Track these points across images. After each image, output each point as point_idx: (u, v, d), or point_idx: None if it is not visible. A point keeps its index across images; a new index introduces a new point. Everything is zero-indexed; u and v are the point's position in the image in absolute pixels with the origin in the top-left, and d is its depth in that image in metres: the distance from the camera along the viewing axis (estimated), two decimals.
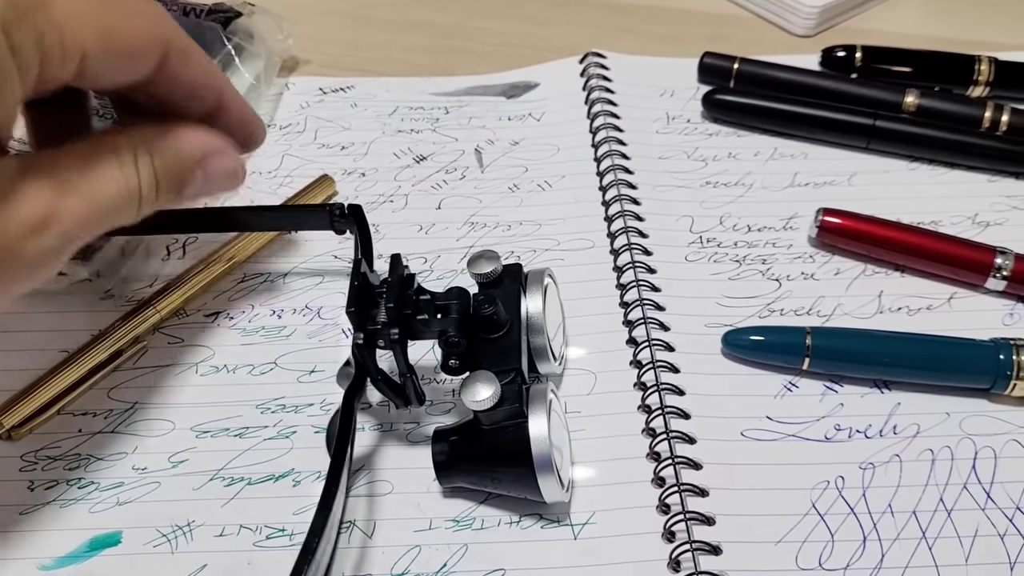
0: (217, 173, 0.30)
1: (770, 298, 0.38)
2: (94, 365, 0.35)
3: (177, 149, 0.29)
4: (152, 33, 0.28)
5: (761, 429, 0.34)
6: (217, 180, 0.31)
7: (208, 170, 0.30)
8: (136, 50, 0.28)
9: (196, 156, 0.29)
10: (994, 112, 0.45)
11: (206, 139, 0.30)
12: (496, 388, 0.29)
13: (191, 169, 0.29)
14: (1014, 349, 0.34)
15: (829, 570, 0.30)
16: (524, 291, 0.33)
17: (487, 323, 0.31)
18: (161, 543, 0.31)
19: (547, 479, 0.29)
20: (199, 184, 0.30)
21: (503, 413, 0.29)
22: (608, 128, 0.46)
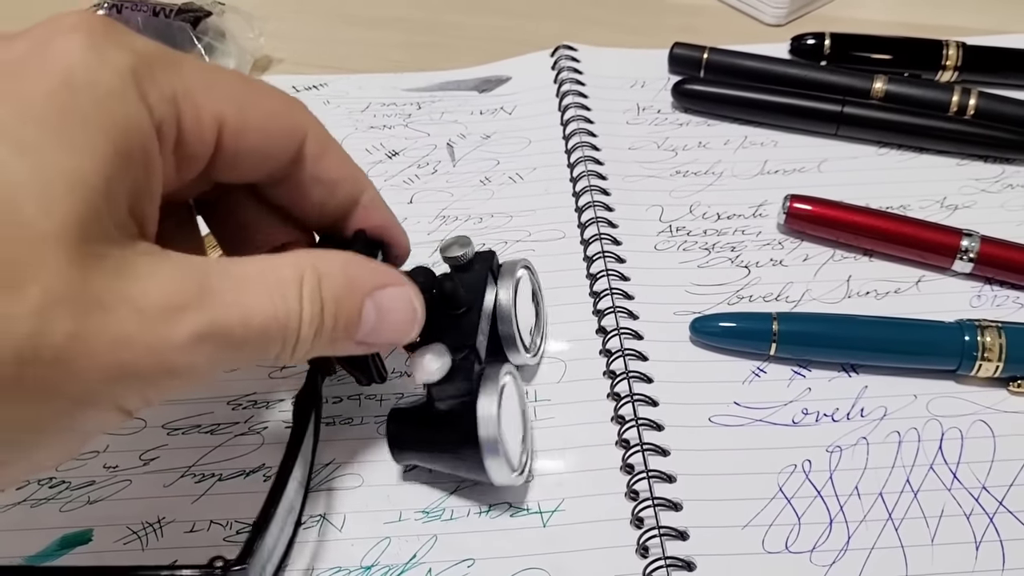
0: (393, 308, 0.27)
1: (739, 285, 0.39)
2: None
3: (350, 277, 0.25)
4: (289, 114, 0.27)
5: (729, 415, 0.34)
6: (392, 317, 0.27)
7: (382, 304, 0.26)
8: (274, 129, 0.26)
9: (368, 285, 0.26)
10: (962, 96, 0.46)
11: (381, 269, 0.27)
12: (446, 361, 0.28)
13: (362, 302, 0.26)
14: (979, 330, 0.34)
15: (795, 553, 0.30)
16: (495, 278, 0.33)
17: (447, 299, 0.31)
18: (132, 540, 0.31)
19: (494, 460, 0.29)
20: (371, 323, 0.26)
21: (453, 389, 0.29)
22: (579, 120, 0.46)
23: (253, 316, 0.23)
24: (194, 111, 0.24)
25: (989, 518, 0.31)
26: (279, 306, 0.23)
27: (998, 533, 0.30)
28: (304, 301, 0.24)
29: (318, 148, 0.28)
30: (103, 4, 0.48)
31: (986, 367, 0.34)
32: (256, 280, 0.23)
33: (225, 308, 0.22)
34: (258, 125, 0.26)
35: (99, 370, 0.20)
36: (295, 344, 0.24)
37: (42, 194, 0.19)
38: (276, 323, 0.23)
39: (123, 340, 0.20)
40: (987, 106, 0.45)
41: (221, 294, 0.22)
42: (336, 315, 0.25)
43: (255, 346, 0.23)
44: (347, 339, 0.26)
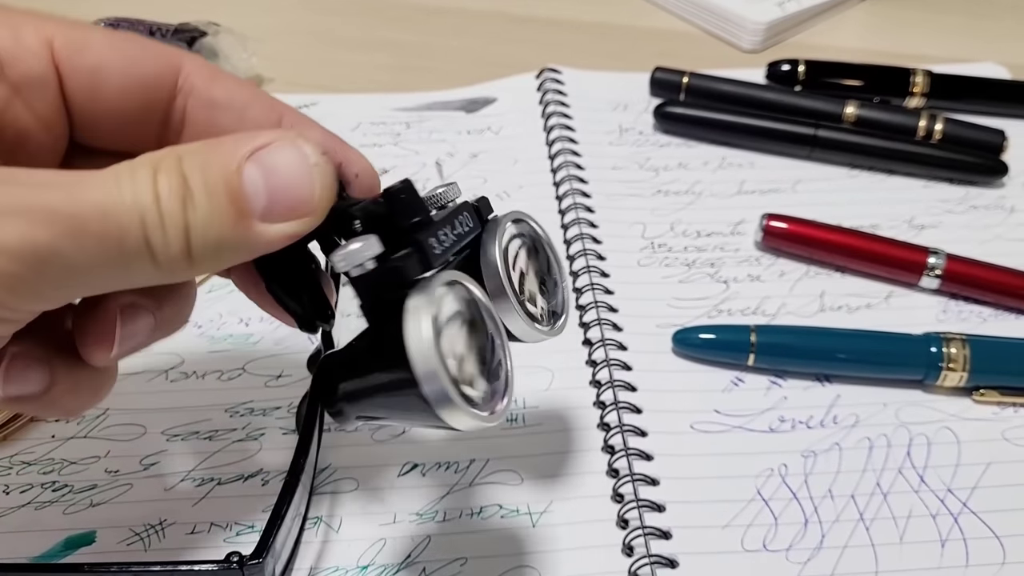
0: (281, 164, 0.21)
1: (718, 299, 0.40)
2: None
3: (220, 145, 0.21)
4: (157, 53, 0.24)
5: (709, 422, 0.35)
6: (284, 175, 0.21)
7: (267, 162, 0.20)
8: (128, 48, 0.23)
9: (243, 148, 0.20)
10: (928, 121, 0.48)
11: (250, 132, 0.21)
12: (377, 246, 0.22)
13: (238, 165, 0.20)
14: (944, 342, 0.36)
15: (773, 551, 0.31)
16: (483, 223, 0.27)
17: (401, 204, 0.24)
18: (134, 542, 0.32)
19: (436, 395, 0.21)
20: (260, 187, 0.20)
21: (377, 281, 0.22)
22: (563, 140, 0.48)
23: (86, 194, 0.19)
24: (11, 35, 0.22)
25: (954, 518, 0.32)
26: (124, 186, 0.19)
27: (962, 532, 0.32)
28: (159, 176, 0.19)
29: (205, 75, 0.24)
30: (101, 22, 0.50)
31: (951, 377, 0.36)
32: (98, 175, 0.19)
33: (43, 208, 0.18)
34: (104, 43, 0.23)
35: None
36: (162, 226, 0.19)
37: None
38: (120, 201, 0.19)
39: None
40: (952, 131, 0.48)
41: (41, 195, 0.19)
42: (207, 184, 0.20)
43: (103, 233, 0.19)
44: (240, 217, 0.20)
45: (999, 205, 0.46)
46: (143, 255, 0.20)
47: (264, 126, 0.25)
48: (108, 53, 0.23)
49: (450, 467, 0.34)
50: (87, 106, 0.24)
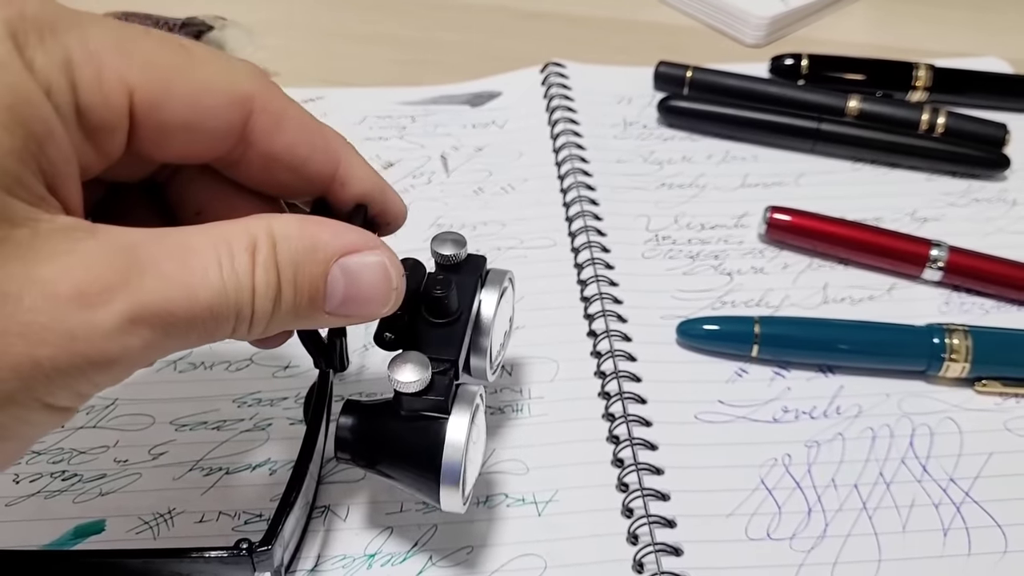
0: (364, 274, 0.23)
1: (722, 291, 0.41)
2: None
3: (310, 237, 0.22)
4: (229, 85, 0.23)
5: (713, 412, 0.36)
6: (364, 284, 0.23)
7: (352, 272, 0.23)
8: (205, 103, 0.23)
9: (334, 249, 0.22)
10: (931, 115, 0.48)
11: (351, 232, 0.23)
12: (427, 374, 0.27)
13: (325, 267, 0.22)
14: (947, 333, 0.36)
15: (776, 540, 0.32)
16: (482, 284, 0.31)
17: (435, 305, 0.29)
18: (143, 530, 0.32)
19: (450, 489, 0.28)
20: (339, 292, 0.23)
21: (425, 403, 0.27)
22: (568, 134, 0.48)
23: (198, 292, 0.20)
24: (94, 77, 0.21)
25: (956, 507, 0.33)
26: (228, 279, 0.21)
27: (964, 521, 0.32)
28: (257, 270, 0.21)
29: (270, 122, 0.24)
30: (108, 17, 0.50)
31: (954, 368, 0.36)
32: (200, 250, 0.21)
33: (162, 285, 0.20)
34: (184, 94, 0.22)
35: (11, 369, 0.18)
36: (251, 320, 0.22)
37: None
38: (225, 299, 0.21)
39: (37, 332, 0.18)
40: (955, 125, 0.48)
41: (156, 269, 0.20)
42: (296, 284, 0.22)
43: (204, 326, 0.21)
44: (314, 311, 0.23)
45: (1001, 198, 0.46)
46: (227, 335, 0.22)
47: (320, 179, 0.26)
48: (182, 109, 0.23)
49: None
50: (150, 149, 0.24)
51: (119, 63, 0.21)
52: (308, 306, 0.22)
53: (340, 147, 0.27)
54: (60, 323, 0.19)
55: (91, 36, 0.21)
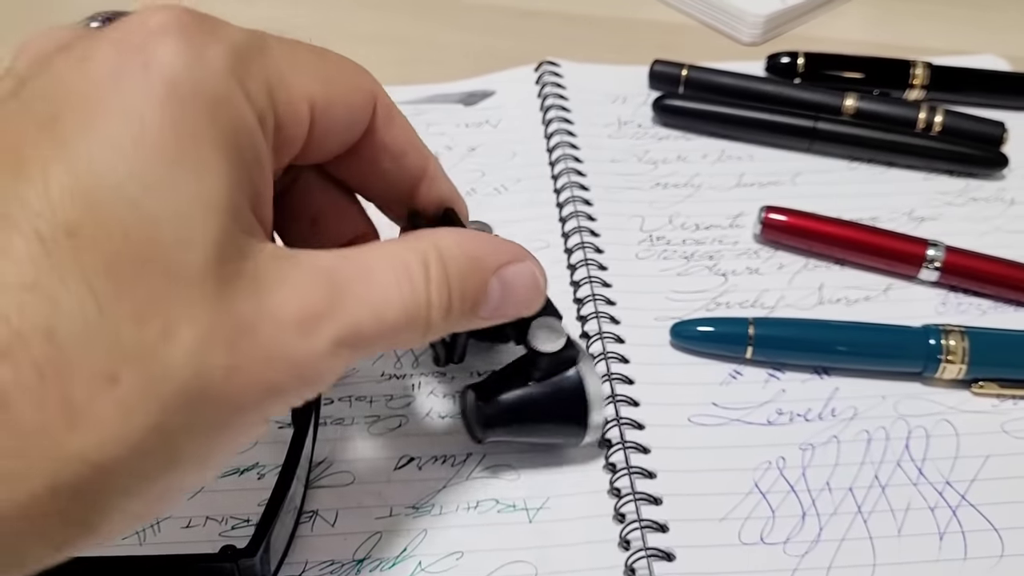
0: (517, 284, 0.26)
1: (716, 292, 0.40)
2: None
3: (470, 254, 0.24)
4: (362, 81, 0.26)
5: (707, 415, 0.35)
6: (516, 292, 0.26)
7: (507, 281, 0.25)
8: (354, 102, 0.25)
9: (493, 264, 0.25)
10: (928, 114, 0.48)
11: (504, 245, 0.26)
12: (564, 334, 0.30)
13: (487, 281, 0.25)
14: (943, 334, 0.36)
15: (770, 544, 0.31)
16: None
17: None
18: (130, 536, 0.32)
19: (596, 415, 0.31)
20: (496, 300, 0.25)
21: (559, 359, 0.31)
22: (562, 133, 0.48)
23: (386, 311, 0.22)
24: (287, 96, 0.23)
25: (952, 511, 0.32)
26: (408, 296, 0.23)
27: (960, 525, 0.32)
28: (432, 286, 0.23)
29: (386, 115, 0.27)
30: (97, 17, 0.49)
31: (950, 369, 0.36)
32: (382, 271, 0.23)
33: (358, 308, 0.22)
34: (342, 98, 0.25)
35: (254, 393, 0.20)
36: (426, 331, 0.24)
37: (179, 228, 0.19)
38: (408, 315, 0.23)
39: (272, 359, 0.20)
40: (952, 123, 0.47)
41: (352, 293, 0.22)
42: (463, 296, 0.24)
43: (389, 339, 0.23)
44: (472, 317, 0.25)
45: (999, 197, 0.46)
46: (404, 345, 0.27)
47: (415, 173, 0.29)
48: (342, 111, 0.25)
49: (446, 460, 0.34)
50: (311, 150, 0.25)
51: (300, 79, 0.23)
52: (469, 314, 0.25)
53: (426, 151, 0.29)
54: (288, 350, 0.21)
55: (275, 56, 0.22)
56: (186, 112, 0.20)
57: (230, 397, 0.20)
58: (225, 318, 0.20)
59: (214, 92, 0.20)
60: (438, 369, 0.37)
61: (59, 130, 0.19)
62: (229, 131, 0.21)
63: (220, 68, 0.21)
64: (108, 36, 0.21)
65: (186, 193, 0.19)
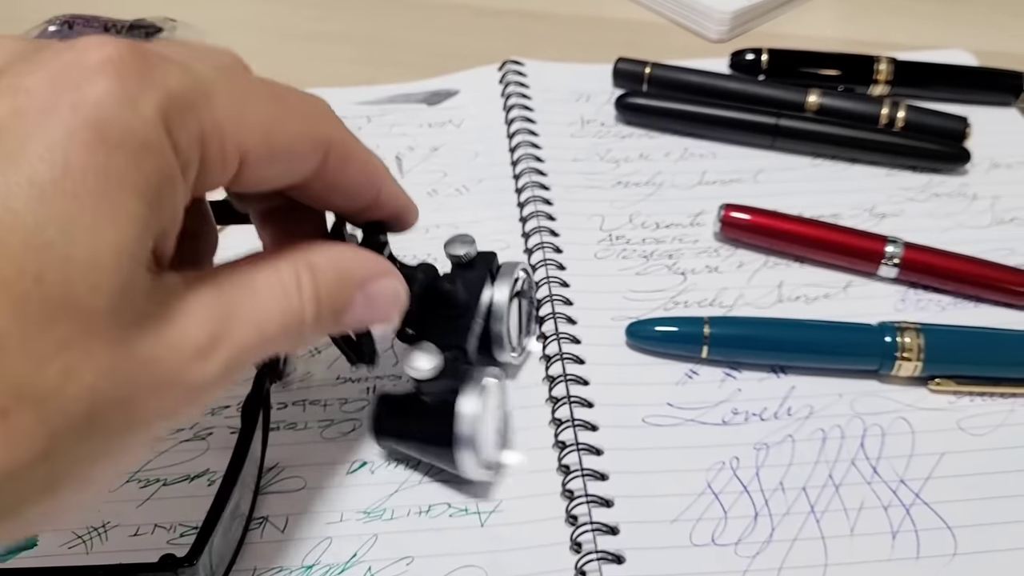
0: (380, 297, 0.28)
1: (675, 291, 0.40)
2: None
3: (338, 270, 0.26)
4: (314, 133, 0.26)
5: (661, 415, 0.35)
6: (379, 306, 0.28)
7: (371, 295, 0.27)
8: (297, 152, 0.25)
9: (358, 278, 0.27)
10: (891, 109, 0.47)
11: (368, 260, 0.28)
12: (439, 361, 0.30)
13: (352, 294, 0.27)
14: (899, 332, 0.36)
15: (721, 545, 0.31)
16: (493, 278, 0.35)
17: (445, 299, 0.33)
18: (76, 544, 0.31)
19: (467, 455, 0.31)
20: (359, 310, 0.27)
21: (439, 386, 0.31)
22: (524, 133, 0.47)
23: (268, 327, 0.24)
24: (219, 147, 0.23)
25: (906, 509, 0.32)
26: (286, 311, 0.24)
27: (914, 524, 0.32)
28: (305, 302, 0.25)
29: (340, 159, 0.27)
30: (55, 21, 0.49)
31: (906, 367, 0.35)
32: (263, 288, 0.24)
33: (247, 328, 0.23)
34: (283, 149, 0.25)
35: (146, 420, 0.21)
36: (299, 340, 0.25)
37: (91, 274, 0.19)
38: (285, 327, 0.24)
39: (168, 387, 0.21)
40: (915, 119, 0.47)
41: (241, 315, 0.23)
42: (332, 308, 0.26)
43: (267, 351, 0.24)
44: (337, 324, 0.27)
45: (961, 192, 0.45)
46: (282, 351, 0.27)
47: (364, 202, 0.29)
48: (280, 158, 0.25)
49: (400, 464, 0.34)
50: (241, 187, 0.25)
51: (237, 129, 0.23)
52: (335, 323, 0.27)
53: (382, 175, 0.30)
54: (184, 377, 0.22)
55: (216, 105, 0.22)
56: (110, 158, 0.20)
57: (121, 426, 0.21)
58: (126, 356, 0.20)
59: (142, 140, 0.20)
60: (393, 373, 0.37)
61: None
62: (152, 179, 0.21)
63: (150, 116, 0.20)
64: (47, 66, 0.21)
65: (103, 240, 0.20)
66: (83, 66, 0.20)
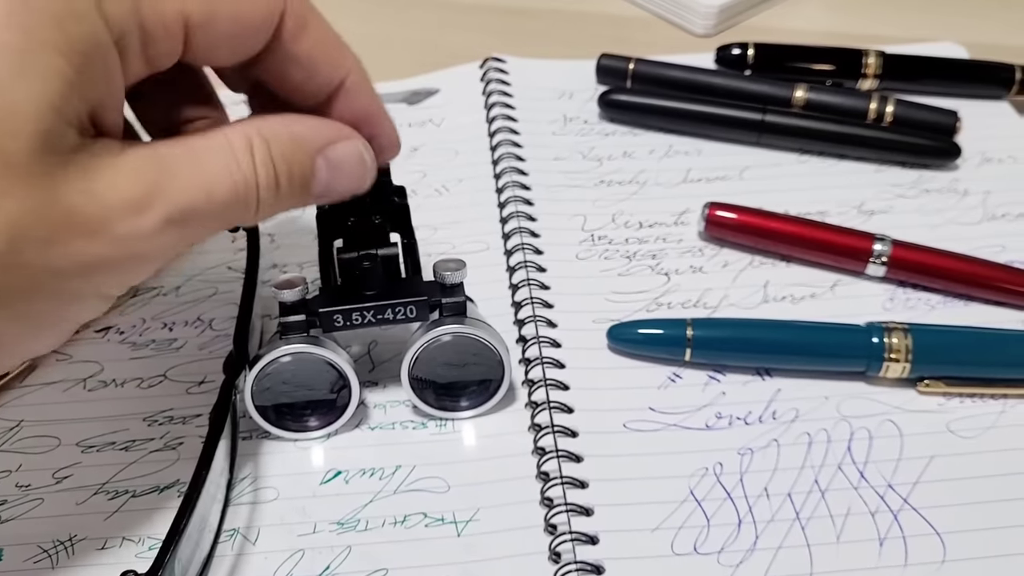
0: (343, 161, 0.27)
1: (659, 292, 0.39)
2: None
3: (294, 135, 0.26)
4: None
5: (643, 420, 0.34)
6: (344, 170, 0.28)
7: (332, 159, 0.27)
8: (244, 16, 0.25)
9: (317, 143, 0.27)
10: (879, 104, 0.47)
11: (328, 126, 0.27)
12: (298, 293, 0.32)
13: (312, 159, 0.27)
14: (886, 332, 0.35)
15: (703, 554, 0.30)
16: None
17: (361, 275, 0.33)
18: (42, 559, 0.31)
19: None
20: (323, 178, 0.27)
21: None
22: (505, 131, 0.46)
23: (215, 190, 0.25)
24: (157, 15, 0.24)
25: (893, 515, 0.31)
26: (236, 176, 0.25)
27: (901, 530, 0.31)
28: (257, 166, 0.25)
29: (295, 26, 0.26)
30: None
31: (894, 368, 0.35)
32: (208, 151, 0.25)
33: (187, 189, 0.24)
34: (229, 13, 0.25)
35: (75, 267, 0.23)
36: (256, 207, 0.26)
37: (9, 121, 0.21)
38: (236, 193, 0.25)
39: (94, 236, 0.23)
40: (904, 113, 0.46)
41: (181, 175, 0.24)
42: (290, 175, 0.26)
43: (220, 217, 0.25)
44: (305, 195, 0.27)
45: (952, 188, 0.45)
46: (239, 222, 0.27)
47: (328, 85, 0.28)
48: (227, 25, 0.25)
49: (375, 474, 0.33)
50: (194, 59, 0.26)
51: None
52: (300, 192, 0.27)
53: (352, 63, 0.29)
54: (115, 227, 0.23)
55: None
56: (37, 20, 0.22)
57: (46, 264, 0.23)
58: (47, 198, 0.22)
59: (67, 7, 0.22)
60: (369, 379, 0.36)
61: None
62: (77, 43, 0.22)
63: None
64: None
65: (22, 90, 0.22)
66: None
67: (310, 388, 0.34)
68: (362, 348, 0.37)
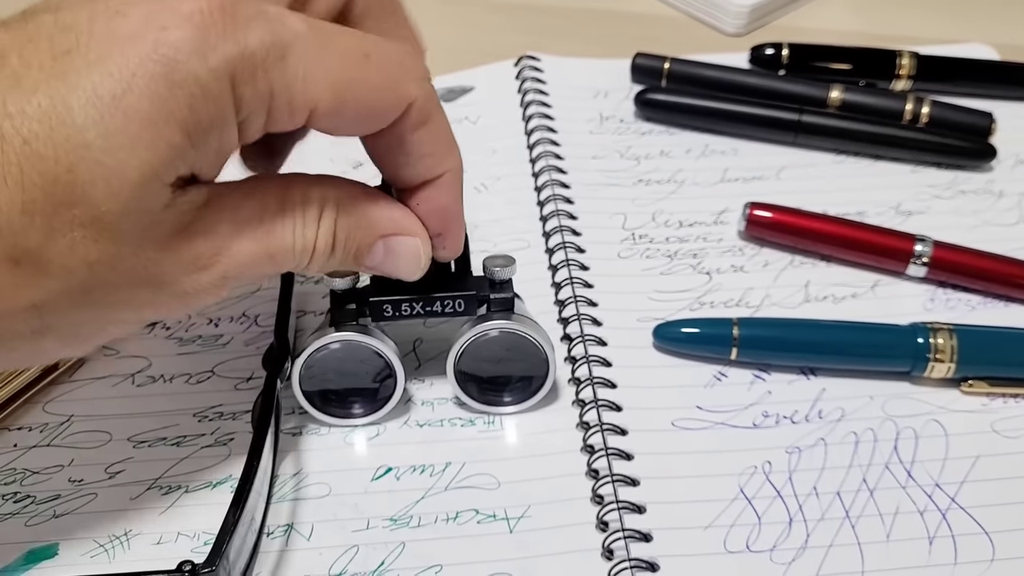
0: (400, 255, 0.29)
1: (700, 291, 0.39)
2: (30, 380, 0.35)
3: (367, 217, 0.28)
4: (394, 90, 0.26)
5: (691, 419, 0.34)
6: (398, 261, 0.29)
7: (392, 248, 0.29)
8: (371, 109, 0.26)
9: (383, 229, 0.28)
10: (915, 105, 0.47)
11: (399, 216, 0.29)
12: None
13: (373, 241, 0.28)
14: (931, 332, 0.35)
15: (756, 552, 0.31)
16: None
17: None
18: (99, 553, 0.31)
19: None
20: (378, 259, 0.29)
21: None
22: (542, 130, 0.47)
23: (276, 254, 0.26)
24: (286, 103, 0.24)
25: (942, 514, 0.32)
26: (299, 241, 0.27)
27: (950, 529, 0.31)
28: (320, 235, 0.27)
29: (417, 120, 0.27)
30: None
31: (939, 368, 0.35)
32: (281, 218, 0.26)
33: (251, 252, 0.26)
34: (356, 104, 0.26)
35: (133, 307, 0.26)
36: (307, 266, 0.27)
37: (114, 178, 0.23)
38: (294, 254, 0.27)
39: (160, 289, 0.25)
40: (939, 114, 0.47)
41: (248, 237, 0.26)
42: (347, 247, 0.28)
43: (270, 271, 0.27)
44: (357, 265, 0.29)
45: (987, 189, 0.45)
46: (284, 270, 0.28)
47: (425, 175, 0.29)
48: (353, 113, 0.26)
49: (425, 471, 0.33)
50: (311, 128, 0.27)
51: (309, 88, 0.24)
52: (353, 263, 0.28)
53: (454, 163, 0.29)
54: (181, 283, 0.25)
55: (289, 65, 0.24)
56: (169, 93, 0.23)
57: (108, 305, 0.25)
58: (130, 254, 0.24)
59: (202, 87, 0.23)
60: (416, 377, 0.36)
61: (65, 63, 0.22)
62: (203, 121, 0.23)
63: (217, 69, 0.23)
64: (149, 2, 0.23)
65: (135, 156, 0.23)
66: (175, 10, 0.23)
67: (356, 376, 0.34)
68: (407, 347, 0.37)
